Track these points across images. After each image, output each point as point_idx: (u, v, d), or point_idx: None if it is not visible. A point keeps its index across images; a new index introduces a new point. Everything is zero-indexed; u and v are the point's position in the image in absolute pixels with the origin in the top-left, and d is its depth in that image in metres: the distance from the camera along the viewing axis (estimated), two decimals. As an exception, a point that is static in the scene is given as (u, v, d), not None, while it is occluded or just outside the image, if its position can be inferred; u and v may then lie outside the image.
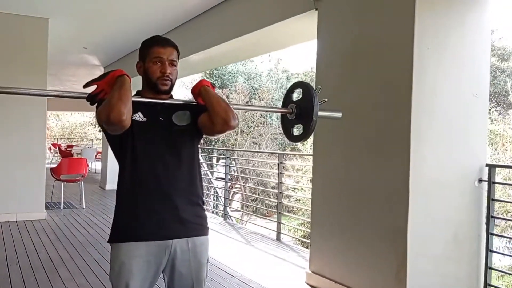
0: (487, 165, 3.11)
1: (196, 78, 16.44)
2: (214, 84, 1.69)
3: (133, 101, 1.50)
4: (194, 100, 1.68)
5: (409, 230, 2.85)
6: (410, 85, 2.85)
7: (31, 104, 6.11)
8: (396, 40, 3.00)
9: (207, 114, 1.62)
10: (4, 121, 5.99)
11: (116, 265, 1.60)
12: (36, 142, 6.24)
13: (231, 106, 1.60)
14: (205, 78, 16.06)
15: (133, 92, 1.58)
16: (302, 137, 1.83)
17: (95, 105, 1.54)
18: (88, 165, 7.78)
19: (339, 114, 1.95)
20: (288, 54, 24.39)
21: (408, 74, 2.87)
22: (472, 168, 3.10)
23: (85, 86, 1.63)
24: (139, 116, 1.60)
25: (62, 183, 7.24)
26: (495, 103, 13.17)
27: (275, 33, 4.62)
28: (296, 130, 1.87)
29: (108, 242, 1.64)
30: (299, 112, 1.81)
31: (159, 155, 1.61)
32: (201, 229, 1.69)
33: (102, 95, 1.53)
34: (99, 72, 10.82)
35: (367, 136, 3.21)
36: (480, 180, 3.11)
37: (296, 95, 1.89)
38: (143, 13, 5.88)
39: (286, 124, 1.91)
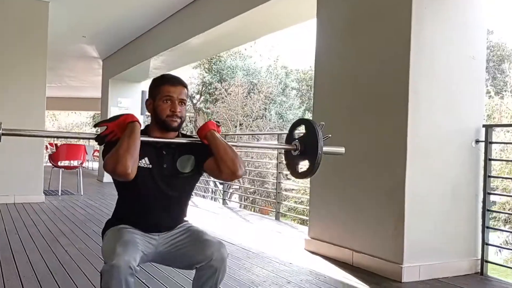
0: (483, 125, 3.15)
1: (194, 73, 16.52)
2: (219, 123, 1.73)
3: (140, 143, 1.55)
4: (199, 140, 1.70)
5: (406, 188, 2.89)
6: (408, 46, 2.91)
7: (31, 88, 6.14)
8: (395, 1, 3.06)
9: (213, 159, 1.64)
10: (4, 105, 5.99)
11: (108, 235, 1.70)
12: (34, 126, 6.23)
13: (237, 154, 1.64)
14: (204, 74, 16.09)
15: (142, 126, 1.65)
16: (308, 173, 1.82)
17: (103, 145, 1.62)
18: (86, 153, 7.75)
19: (342, 150, 1.96)
20: (287, 51, 24.58)
21: (406, 35, 2.92)
22: (469, 129, 3.14)
23: (95, 125, 1.72)
24: (145, 162, 1.65)
25: (60, 171, 7.24)
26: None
27: (273, 10, 4.67)
28: (301, 167, 1.88)
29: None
30: (303, 148, 1.83)
31: (160, 199, 1.69)
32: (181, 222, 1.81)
33: (111, 137, 1.58)
34: (97, 66, 10.85)
35: (367, 97, 3.25)
36: (477, 141, 3.15)
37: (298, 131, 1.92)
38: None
39: (290, 161, 1.92)
